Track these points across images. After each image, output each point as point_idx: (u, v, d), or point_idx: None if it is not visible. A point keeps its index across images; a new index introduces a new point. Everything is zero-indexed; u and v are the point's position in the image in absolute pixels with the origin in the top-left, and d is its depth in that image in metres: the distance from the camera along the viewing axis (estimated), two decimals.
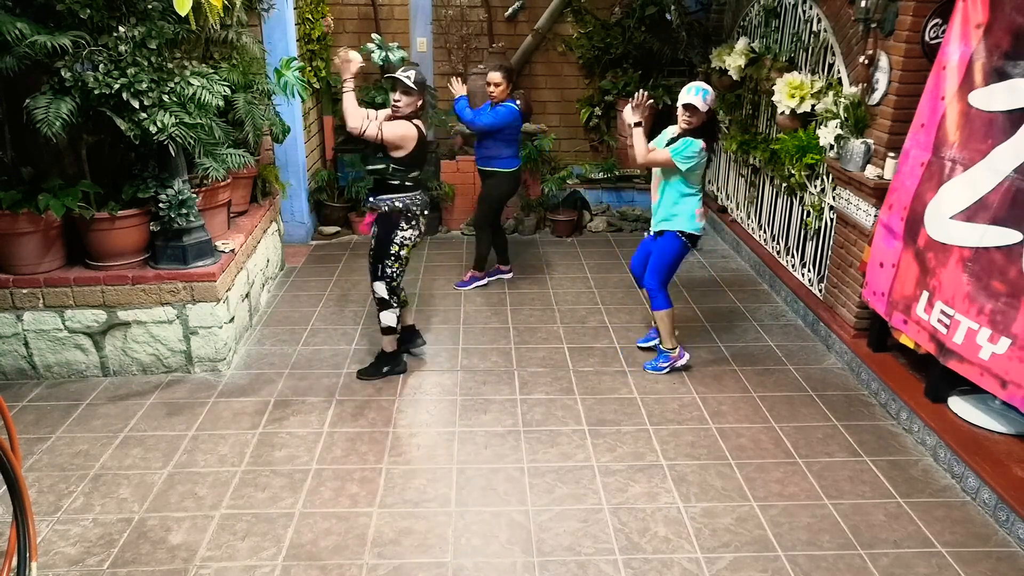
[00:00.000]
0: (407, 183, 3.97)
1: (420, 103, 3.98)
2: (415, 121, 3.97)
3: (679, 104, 4.03)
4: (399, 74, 3.90)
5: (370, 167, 3.97)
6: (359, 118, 3.85)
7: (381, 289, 4.06)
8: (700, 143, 4.00)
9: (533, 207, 6.77)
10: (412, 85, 3.88)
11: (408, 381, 4.22)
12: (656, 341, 4.45)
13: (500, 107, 5.13)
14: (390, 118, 3.96)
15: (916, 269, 3.67)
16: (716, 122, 4.21)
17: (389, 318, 4.12)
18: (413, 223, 4.03)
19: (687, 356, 4.35)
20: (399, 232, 4.01)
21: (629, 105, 4.06)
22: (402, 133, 3.89)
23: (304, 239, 6.44)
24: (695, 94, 3.97)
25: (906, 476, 3.41)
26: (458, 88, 5.25)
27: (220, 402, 3.98)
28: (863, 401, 4.04)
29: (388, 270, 4.06)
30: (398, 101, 3.90)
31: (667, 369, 4.32)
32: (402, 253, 4.05)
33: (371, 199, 4.02)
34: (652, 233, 4.33)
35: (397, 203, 3.96)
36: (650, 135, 4.28)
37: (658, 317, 4.28)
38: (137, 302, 4.07)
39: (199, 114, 3.77)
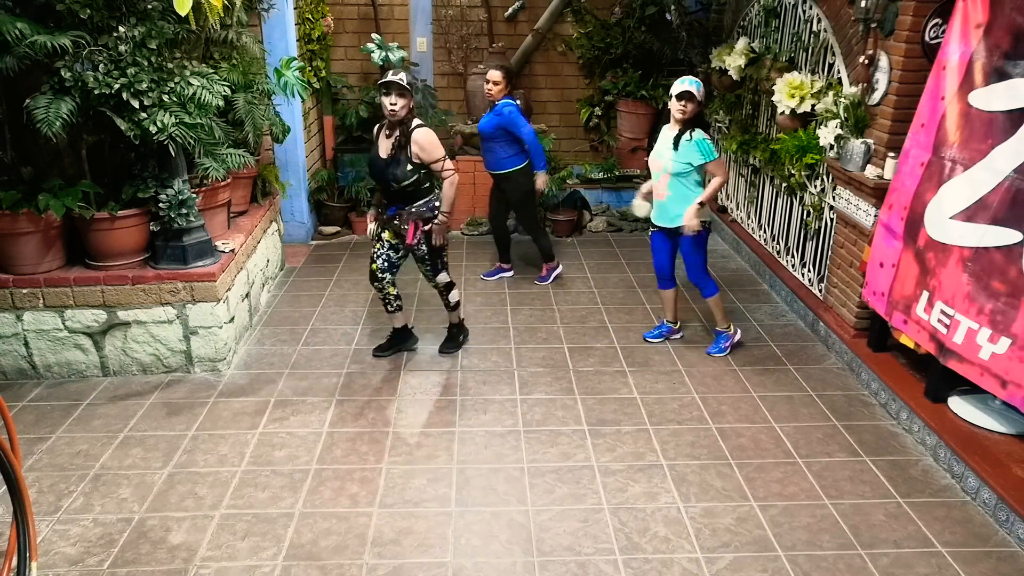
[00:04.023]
0: (431, 182, 4.14)
1: (412, 103, 3.98)
2: (417, 122, 3.99)
3: (673, 96, 4.13)
4: (392, 77, 3.85)
5: (404, 182, 3.95)
6: (452, 196, 4.04)
7: (445, 277, 4.28)
8: (705, 136, 4.16)
9: None
10: (407, 86, 3.86)
11: (408, 381, 4.22)
12: (664, 333, 4.68)
13: (504, 107, 5.12)
14: (390, 125, 3.97)
15: (916, 269, 3.67)
16: (704, 113, 4.32)
17: (456, 295, 4.38)
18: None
19: (740, 332, 4.61)
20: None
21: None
22: (435, 141, 3.99)
23: (304, 239, 6.45)
24: (689, 84, 4.10)
25: (906, 476, 3.41)
26: (542, 180, 5.37)
27: (220, 402, 3.98)
28: (863, 401, 4.04)
29: (446, 259, 4.28)
30: (395, 104, 3.87)
31: (729, 348, 4.53)
32: (446, 243, 4.23)
33: (408, 209, 4.03)
34: (663, 229, 4.40)
35: (436, 202, 4.12)
36: (650, 136, 4.31)
37: (713, 303, 4.50)
38: (137, 302, 4.07)
39: (199, 114, 3.77)
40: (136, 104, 3.58)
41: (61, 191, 3.78)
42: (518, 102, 5.22)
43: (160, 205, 3.95)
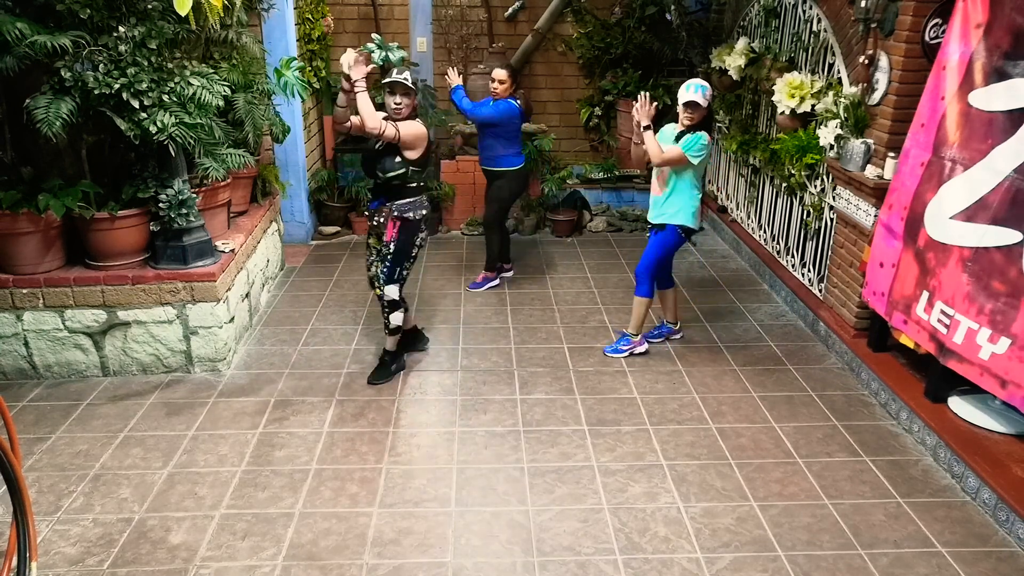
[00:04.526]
0: (420, 183, 4.03)
1: (415, 102, 3.99)
2: (419, 120, 3.99)
3: (680, 104, 4.13)
4: (397, 76, 3.86)
5: (390, 173, 3.89)
6: (378, 118, 3.75)
7: (394, 291, 4.08)
8: (706, 136, 4.15)
9: (533, 207, 6.76)
10: (412, 85, 3.89)
11: (408, 381, 4.22)
12: (664, 333, 4.62)
13: (500, 102, 5.15)
14: (394, 120, 3.93)
15: (916, 269, 3.67)
16: (713, 115, 4.30)
17: (399, 318, 4.15)
18: (426, 224, 4.11)
19: (646, 346, 4.54)
20: (419, 235, 4.07)
21: (635, 107, 4.13)
22: (416, 132, 3.89)
23: (304, 239, 6.44)
24: (695, 91, 4.07)
25: (906, 476, 3.41)
26: (454, 77, 5.24)
27: (220, 402, 3.98)
28: (863, 401, 4.04)
29: (404, 272, 4.11)
30: (399, 104, 3.86)
31: (626, 353, 4.47)
32: (414, 254, 4.11)
33: (390, 205, 3.96)
34: (656, 227, 4.39)
35: (422, 210, 4.02)
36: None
37: (638, 302, 4.45)
38: (137, 302, 4.07)
39: (199, 114, 3.77)
40: (136, 104, 3.58)
41: (61, 191, 3.78)
42: (518, 103, 5.23)
43: (160, 205, 3.95)
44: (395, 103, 3.87)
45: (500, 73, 5.15)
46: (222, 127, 4.16)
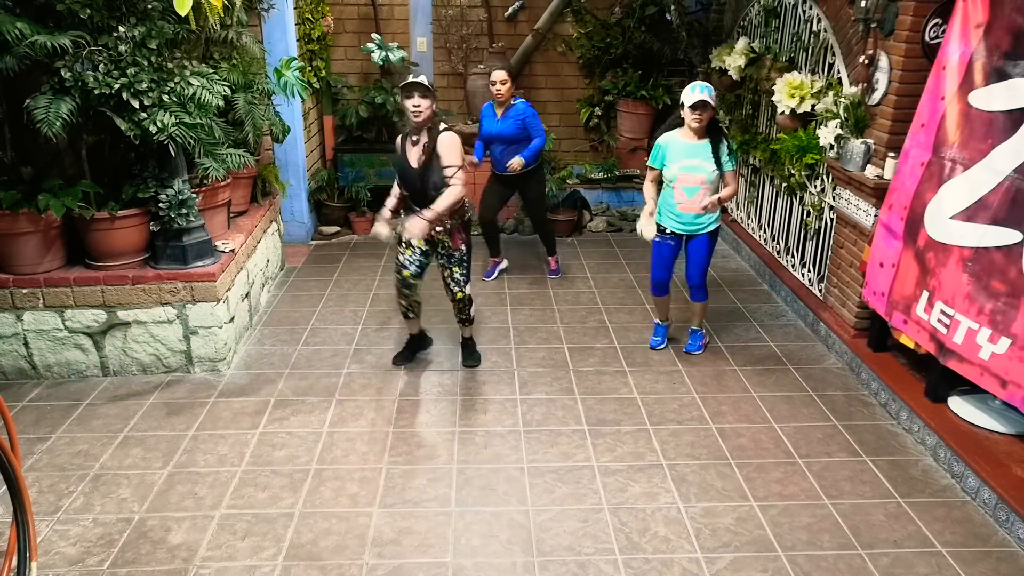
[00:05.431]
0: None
1: (435, 104, 3.86)
2: (445, 127, 3.89)
3: (688, 106, 4.04)
4: (417, 78, 3.73)
5: (443, 187, 3.87)
6: (451, 199, 3.78)
7: (469, 287, 4.17)
8: (727, 139, 4.19)
9: None
10: (430, 86, 3.77)
11: (408, 381, 4.22)
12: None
13: (527, 108, 5.15)
14: (415, 130, 3.83)
15: (916, 269, 3.67)
16: (717, 119, 4.28)
17: (473, 308, 4.29)
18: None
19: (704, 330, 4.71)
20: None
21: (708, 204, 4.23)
22: (457, 148, 3.84)
23: (304, 239, 6.44)
24: (702, 91, 4.02)
25: (906, 476, 3.41)
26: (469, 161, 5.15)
27: (220, 402, 3.98)
28: (863, 401, 4.04)
29: (468, 269, 4.15)
30: (418, 106, 3.74)
31: (704, 348, 4.59)
32: None
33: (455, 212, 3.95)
34: (678, 235, 4.32)
35: (468, 206, 4.08)
36: (650, 136, 4.30)
37: (702, 307, 4.53)
38: (137, 302, 4.07)
39: (199, 114, 3.77)
40: (136, 104, 3.58)
41: (61, 191, 3.78)
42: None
43: (160, 205, 3.95)
44: (413, 105, 3.74)
45: (501, 74, 5.12)
46: (222, 127, 4.16)
